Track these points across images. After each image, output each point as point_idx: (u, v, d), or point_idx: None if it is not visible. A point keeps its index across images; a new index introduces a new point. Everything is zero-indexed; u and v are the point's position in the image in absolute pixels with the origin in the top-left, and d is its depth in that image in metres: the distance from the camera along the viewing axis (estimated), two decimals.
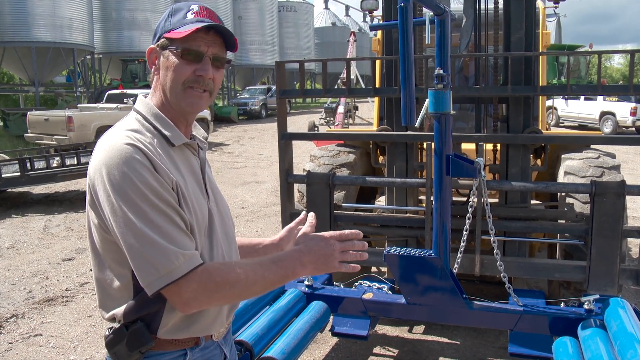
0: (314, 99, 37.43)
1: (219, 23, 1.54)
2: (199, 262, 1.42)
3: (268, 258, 1.53)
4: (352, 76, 19.78)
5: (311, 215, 1.75)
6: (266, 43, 40.73)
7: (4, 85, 31.07)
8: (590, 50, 20.03)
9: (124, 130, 1.48)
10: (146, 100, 1.60)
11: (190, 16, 1.53)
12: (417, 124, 3.18)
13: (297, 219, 1.87)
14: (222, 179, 12.49)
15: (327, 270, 1.56)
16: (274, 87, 29.36)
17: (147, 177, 1.38)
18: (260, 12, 40.10)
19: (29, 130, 15.54)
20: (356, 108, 23.54)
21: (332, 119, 20.55)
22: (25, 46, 23.63)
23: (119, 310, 1.50)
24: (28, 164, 9.50)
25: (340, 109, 17.97)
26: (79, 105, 18.47)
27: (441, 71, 2.88)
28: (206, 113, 19.87)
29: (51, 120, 14.79)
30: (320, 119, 22.44)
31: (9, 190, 9.99)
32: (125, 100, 16.35)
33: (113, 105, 16.06)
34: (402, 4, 2.15)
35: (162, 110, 1.57)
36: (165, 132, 1.53)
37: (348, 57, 20.58)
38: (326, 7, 58.68)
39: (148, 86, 10.91)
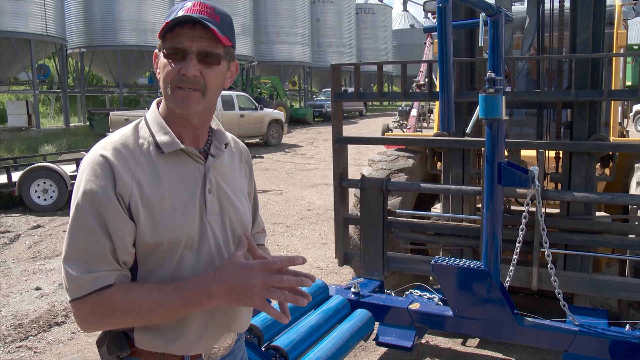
0: (390, 102, 37.22)
1: (212, 17, 1.43)
2: (102, 285, 1.35)
3: (172, 284, 1.39)
4: (427, 78, 19.44)
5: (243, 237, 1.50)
6: (343, 45, 40.85)
7: (92, 87, 32.65)
8: None
9: (113, 136, 1.47)
10: (154, 106, 1.55)
11: (180, 13, 1.43)
12: (468, 130, 3.06)
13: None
14: (292, 180, 12.59)
15: (245, 304, 1.36)
16: (350, 89, 29.54)
17: (96, 192, 1.36)
18: (337, 15, 40.29)
19: (110, 130, 16.25)
20: (431, 112, 23.11)
21: (405, 122, 20.29)
22: (112, 50, 24.86)
23: None
24: None
25: (414, 112, 17.68)
26: None
27: (493, 74, 2.74)
28: (280, 114, 20.14)
29: (131, 120, 15.33)
30: (394, 122, 22.20)
31: None
32: None
33: None
34: (440, 5, 2.05)
35: (166, 115, 1.51)
36: (158, 138, 1.47)
37: (424, 59, 20.26)
38: (405, 9, 58.19)
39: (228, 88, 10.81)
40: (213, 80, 1.46)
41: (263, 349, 2.74)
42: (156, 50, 1.51)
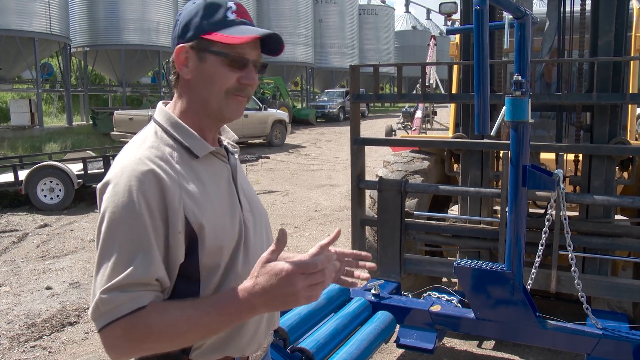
0: (392, 103, 37.42)
1: (255, 25, 1.44)
2: (139, 305, 1.23)
3: (207, 299, 1.29)
4: (432, 81, 19.47)
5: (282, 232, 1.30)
6: (346, 46, 40.81)
7: (95, 86, 32.63)
8: None
9: (142, 149, 1.36)
10: (165, 109, 1.47)
11: (231, 16, 1.38)
12: (493, 132, 3.05)
13: (332, 236, 1.59)
14: (297, 181, 12.59)
15: (290, 308, 1.31)
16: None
17: (142, 213, 1.26)
18: (340, 15, 40.25)
19: (115, 129, 16.25)
20: (435, 113, 23.17)
21: (409, 123, 20.31)
22: (116, 49, 24.84)
23: None
24: (111, 161, 9.91)
25: (418, 114, 17.70)
26: None
27: (520, 77, 2.74)
28: (284, 115, 20.13)
29: (135, 120, 15.39)
30: (397, 123, 22.22)
31: (94, 185, 10.44)
32: None
33: None
34: (478, 7, 2.05)
35: (186, 118, 1.44)
36: (187, 144, 1.41)
37: (428, 61, 20.28)
38: (407, 11, 58.21)
39: None
40: (255, 87, 1.47)
41: (289, 351, 2.74)
42: (184, 45, 1.39)
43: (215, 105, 1.42)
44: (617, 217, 3.94)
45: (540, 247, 3.20)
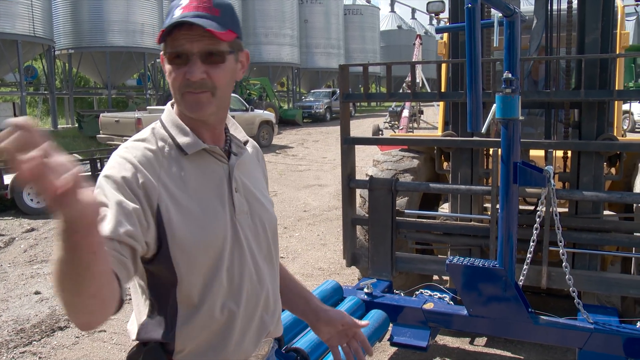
0: (378, 102, 37.41)
1: (210, 12, 1.35)
2: None
3: None
4: (418, 80, 19.55)
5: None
6: (331, 46, 40.86)
7: (80, 89, 32.34)
8: None
9: (131, 141, 1.43)
10: (170, 109, 1.50)
11: (177, 13, 1.34)
12: (483, 130, 3.07)
13: (363, 323, 1.82)
14: (285, 181, 12.58)
15: (41, 193, 0.91)
16: (339, 91, 29.33)
17: (116, 190, 1.29)
18: (326, 16, 40.30)
19: (101, 132, 16.12)
20: (421, 112, 23.26)
21: (396, 122, 20.40)
22: (100, 51, 24.64)
23: (133, 328, 1.42)
24: (98, 164, 9.86)
25: (405, 113, 17.78)
26: (148, 107, 18.99)
27: (510, 75, 2.76)
28: (271, 116, 20.12)
29: (122, 122, 15.29)
30: (384, 122, 22.29)
31: None
32: None
33: None
34: (470, 5, 2.06)
35: (182, 117, 1.47)
36: (179, 140, 1.42)
37: (413, 60, 20.38)
38: (392, 10, 58.31)
39: None
40: (221, 79, 1.39)
41: (284, 351, 2.73)
42: (161, 53, 1.44)
43: (178, 105, 1.45)
44: (606, 212, 3.98)
45: (531, 244, 3.23)
